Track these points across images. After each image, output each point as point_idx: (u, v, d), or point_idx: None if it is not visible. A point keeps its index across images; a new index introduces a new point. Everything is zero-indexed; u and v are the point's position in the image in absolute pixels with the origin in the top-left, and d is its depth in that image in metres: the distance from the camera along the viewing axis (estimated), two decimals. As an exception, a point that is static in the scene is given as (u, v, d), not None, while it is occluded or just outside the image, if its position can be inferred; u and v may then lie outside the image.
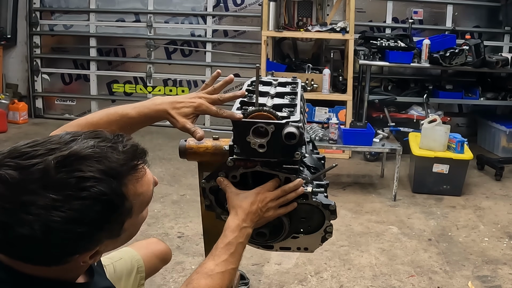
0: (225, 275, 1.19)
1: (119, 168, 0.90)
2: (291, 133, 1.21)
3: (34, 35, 5.91)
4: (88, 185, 0.85)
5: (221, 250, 1.22)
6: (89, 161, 0.87)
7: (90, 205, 0.85)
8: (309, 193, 1.33)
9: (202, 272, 1.18)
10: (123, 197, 0.91)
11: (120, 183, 0.90)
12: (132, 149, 0.94)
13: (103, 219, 0.89)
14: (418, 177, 4.00)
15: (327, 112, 4.93)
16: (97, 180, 0.86)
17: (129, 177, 0.92)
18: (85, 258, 0.93)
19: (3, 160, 0.86)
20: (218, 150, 1.52)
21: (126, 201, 0.92)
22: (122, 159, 0.91)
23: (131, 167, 0.93)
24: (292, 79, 1.67)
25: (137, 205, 0.96)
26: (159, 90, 5.85)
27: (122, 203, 0.91)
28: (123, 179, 0.91)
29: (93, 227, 0.88)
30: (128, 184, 0.92)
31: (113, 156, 0.90)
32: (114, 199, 0.89)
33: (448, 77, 5.53)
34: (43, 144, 0.89)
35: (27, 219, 0.82)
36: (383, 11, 5.53)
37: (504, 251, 3.13)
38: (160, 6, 5.72)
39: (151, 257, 1.78)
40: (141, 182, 0.96)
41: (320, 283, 2.71)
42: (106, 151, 0.89)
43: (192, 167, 1.77)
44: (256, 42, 5.42)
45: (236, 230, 1.25)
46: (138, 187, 0.95)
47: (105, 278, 1.14)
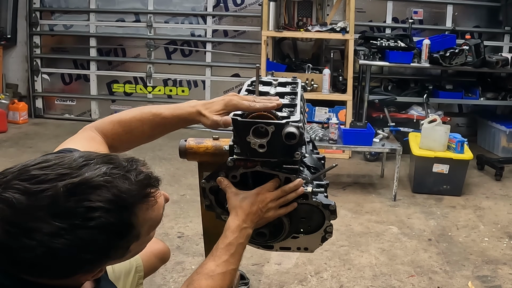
0: (226, 276, 1.20)
1: (130, 198, 0.88)
2: (291, 133, 1.21)
3: (34, 35, 5.91)
4: (96, 215, 0.83)
5: (222, 251, 1.22)
6: (99, 191, 0.85)
7: (96, 234, 0.84)
8: (309, 193, 1.33)
9: (203, 273, 1.19)
10: (131, 227, 0.90)
11: (130, 213, 0.89)
12: (145, 178, 0.92)
13: (108, 247, 0.88)
14: (418, 177, 4.00)
15: (327, 112, 4.93)
16: (106, 210, 0.84)
17: (139, 206, 0.91)
18: (88, 277, 0.93)
19: (11, 181, 0.84)
20: (218, 150, 1.52)
21: (133, 229, 0.91)
22: (133, 189, 0.89)
23: (142, 196, 0.91)
24: (292, 79, 1.67)
25: (145, 230, 0.96)
26: (159, 90, 5.85)
27: (129, 232, 0.91)
28: (133, 208, 0.90)
29: (98, 254, 0.88)
30: (138, 212, 0.91)
31: (124, 186, 0.88)
32: (122, 229, 0.88)
33: (448, 77, 5.53)
34: (54, 167, 0.87)
35: (30, 244, 0.81)
36: (383, 11, 5.53)
37: (504, 251, 3.13)
38: (160, 6, 5.72)
39: (150, 256, 1.77)
40: (151, 209, 0.95)
41: (320, 283, 2.71)
42: (118, 180, 0.87)
43: (192, 167, 1.77)
44: (256, 42, 5.42)
45: (236, 230, 1.25)
46: (148, 214, 0.94)
47: (110, 283, 1.14)
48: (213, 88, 5.77)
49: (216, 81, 5.77)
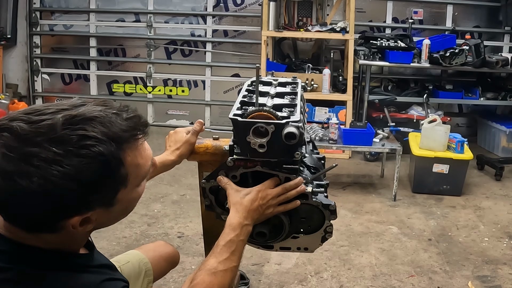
0: (227, 273, 1.21)
1: (120, 133, 0.93)
2: (291, 133, 1.21)
3: (34, 35, 5.91)
4: (88, 144, 0.88)
5: (223, 248, 1.23)
6: (93, 123, 0.91)
7: (88, 164, 0.88)
8: (309, 193, 1.33)
9: (205, 269, 1.20)
10: (120, 162, 0.93)
11: (119, 148, 0.93)
12: (135, 118, 0.97)
13: (98, 181, 0.90)
14: (418, 177, 4.00)
15: (327, 112, 4.93)
16: (98, 140, 0.89)
17: (128, 144, 0.95)
18: (76, 223, 0.93)
19: (18, 114, 0.91)
20: (218, 150, 1.52)
21: (122, 167, 0.94)
22: (124, 125, 0.94)
23: (131, 134, 0.95)
24: (292, 79, 1.67)
25: (133, 176, 0.97)
26: (159, 90, 5.85)
27: (118, 168, 0.93)
28: (122, 144, 0.93)
29: (88, 187, 0.89)
30: (127, 150, 0.94)
31: (116, 122, 0.93)
32: (111, 161, 0.91)
33: (448, 77, 5.53)
34: (56, 104, 0.94)
35: (27, 170, 0.85)
36: (383, 11, 5.53)
37: (504, 251, 3.13)
38: (160, 6, 5.71)
39: (159, 260, 1.77)
40: (139, 153, 0.98)
41: (320, 283, 2.71)
42: (111, 116, 0.93)
43: (192, 167, 1.77)
44: (256, 42, 5.42)
45: (237, 227, 1.26)
46: (136, 156, 0.97)
47: (104, 257, 1.14)
48: (213, 88, 5.77)
49: (216, 81, 5.77)
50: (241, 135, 1.26)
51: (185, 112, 5.85)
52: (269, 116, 1.26)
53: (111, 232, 3.17)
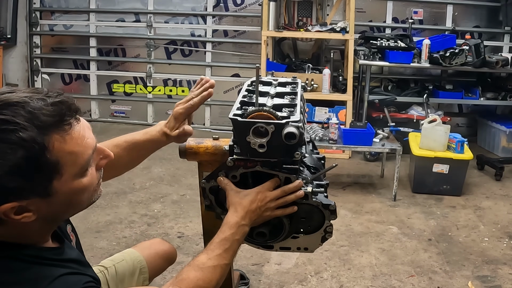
0: (216, 269, 1.19)
1: (44, 117, 0.90)
2: (291, 133, 1.21)
3: (34, 35, 5.91)
4: (8, 128, 0.86)
5: (216, 245, 1.23)
6: (15, 108, 0.88)
7: (10, 149, 0.86)
8: (309, 193, 1.33)
9: (193, 265, 1.19)
10: (44, 148, 0.90)
11: (43, 133, 0.90)
12: (62, 104, 0.94)
13: (22, 167, 0.88)
14: (418, 177, 4.00)
15: (327, 112, 4.93)
16: (18, 125, 0.87)
17: (53, 129, 0.91)
18: (8, 212, 0.91)
19: None
20: (218, 150, 1.52)
21: (48, 153, 0.90)
22: (47, 110, 0.91)
23: (57, 120, 0.92)
24: (292, 79, 1.67)
25: (67, 164, 0.94)
26: (159, 90, 5.85)
27: (43, 154, 0.90)
28: (46, 129, 0.90)
29: (12, 174, 0.87)
30: (53, 136, 0.91)
31: (40, 107, 0.90)
32: (33, 147, 0.88)
33: (448, 77, 5.53)
34: None
35: None
36: (383, 11, 5.53)
37: (504, 251, 3.13)
38: (160, 6, 5.71)
39: (155, 257, 1.77)
40: (71, 139, 0.94)
41: (320, 283, 2.71)
42: (35, 102, 0.91)
43: (192, 167, 1.77)
44: (256, 42, 5.42)
45: (234, 226, 1.26)
46: (67, 143, 0.93)
47: (77, 252, 1.13)
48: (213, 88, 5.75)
49: (216, 81, 5.71)
50: (241, 135, 1.26)
51: (185, 112, 5.84)
52: (269, 116, 1.26)
53: (111, 232, 3.17)
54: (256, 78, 1.32)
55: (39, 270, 0.94)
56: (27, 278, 0.92)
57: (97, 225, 3.25)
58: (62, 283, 0.93)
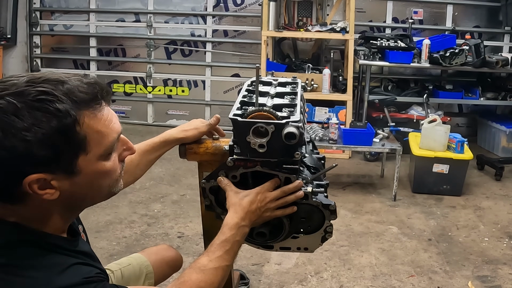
0: (218, 271, 1.19)
1: (79, 93, 0.95)
2: (291, 133, 1.21)
3: (34, 35, 5.91)
4: (46, 99, 0.91)
5: (217, 247, 1.23)
6: (53, 82, 0.94)
7: (46, 118, 0.90)
8: (309, 193, 1.33)
9: (195, 267, 1.19)
10: (76, 121, 0.94)
11: (77, 107, 0.94)
12: (96, 84, 0.99)
13: (53, 137, 0.91)
14: (418, 177, 4.00)
15: (327, 112, 4.93)
16: (56, 97, 0.92)
17: (87, 107, 0.96)
18: (33, 182, 0.93)
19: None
20: (218, 150, 1.52)
21: (78, 127, 0.94)
22: (83, 87, 0.96)
23: (90, 98, 0.96)
24: (292, 79, 1.67)
25: (93, 142, 0.97)
26: (159, 90, 5.85)
27: (73, 127, 0.93)
28: (80, 105, 0.95)
29: (42, 141, 0.90)
30: (85, 112, 0.95)
31: (76, 84, 0.96)
32: (66, 118, 0.92)
33: (448, 77, 5.53)
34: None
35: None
36: (383, 11, 5.53)
37: (504, 251, 3.13)
38: (160, 6, 5.71)
39: (161, 263, 1.77)
40: (100, 119, 0.98)
41: (320, 283, 2.71)
42: (72, 80, 0.97)
43: (192, 167, 1.77)
44: (256, 42, 5.42)
45: (234, 228, 1.25)
46: (96, 122, 0.97)
47: (89, 247, 1.16)
48: (213, 88, 5.77)
49: (216, 81, 5.77)
50: (241, 135, 1.26)
51: (185, 112, 5.84)
52: (269, 116, 1.27)
53: (111, 232, 3.17)
54: (256, 78, 1.32)
55: (54, 258, 0.97)
56: (43, 264, 0.95)
57: (97, 225, 3.25)
58: (75, 271, 0.96)
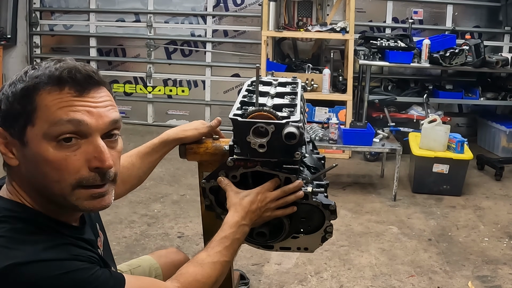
0: (216, 266, 1.20)
1: (54, 69, 0.99)
2: (291, 133, 1.21)
3: (34, 35, 5.91)
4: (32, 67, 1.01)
5: (216, 243, 1.24)
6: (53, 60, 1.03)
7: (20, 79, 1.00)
8: (309, 193, 1.33)
9: (193, 261, 1.20)
10: (34, 88, 0.98)
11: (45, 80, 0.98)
12: (71, 68, 1.01)
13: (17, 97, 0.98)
14: (418, 177, 4.00)
15: (327, 112, 4.93)
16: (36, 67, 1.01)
17: (52, 82, 0.99)
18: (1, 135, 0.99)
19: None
20: (218, 150, 1.52)
21: (36, 95, 0.98)
22: (62, 67, 1.00)
23: (59, 75, 0.99)
24: (292, 79, 1.67)
25: (41, 118, 0.97)
26: (159, 90, 5.85)
27: (31, 94, 0.98)
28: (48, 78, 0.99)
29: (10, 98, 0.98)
30: (48, 87, 0.98)
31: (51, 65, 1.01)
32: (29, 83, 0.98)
33: (448, 77, 5.53)
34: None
35: None
36: (383, 11, 5.53)
37: (504, 251, 3.13)
38: (160, 6, 5.71)
39: (170, 267, 1.76)
40: (56, 97, 0.98)
41: (320, 283, 2.71)
42: (68, 60, 1.03)
43: (192, 167, 1.77)
44: (256, 42, 5.42)
45: (234, 226, 1.26)
46: (51, 98, 0.98)
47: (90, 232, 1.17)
48: (213, 88, 5.77)
49: (216, 81, 5.77)
50: (241, 135, 1.26)
51: (185, 112, 5.84)
52: (269, 116, 1.27)
53: (111, 232, 3.17)
54: (256, 78, 1.32)
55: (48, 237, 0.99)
56: (33, 240, 0.96)
57: (97, 225, 3.25)
58: (64, 249, 0.98)
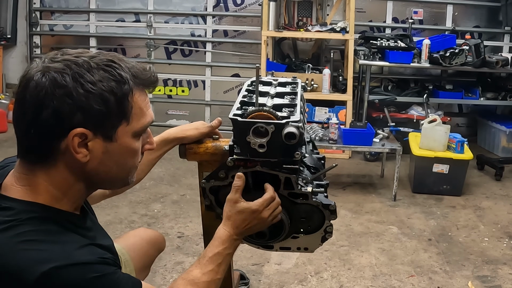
0: (210, 285, 1.21)
1: (138, 71, 1.09)
2: (291, 133, 1.21)
3: (34, 35, 5.91)
4: (111, 64, 1.04)
5: (209, 260, 1.23)
6: (119, 57, 1.10)
7: (107, 77, 1.02)
8: (309, 193, 1.33)
9: (188, 279, 1.20)
10: (130, 90, 1.05)
11: (133, 81, 1.06)
12: (151, 71, 1.15)
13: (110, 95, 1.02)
14: (418, 177, 4.00)
15: (327, 112, 4.93)
16: (119, 66, 1.06)
17: (140, 83, 1.09)
18: (77, 136, 1.00)
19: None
20: (218, 150, 1.52)
21: (130, 97, 1.05)
22: (143, 68, 1.12)
23: (144, 79, 1.10)
24: (292, 79, 1.68)
25: (135, 116, 1.06)
26: (159, 90, 5.85)
27: (127, 95, 1.04)
28: (136, 79, 1.07)
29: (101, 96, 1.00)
30: (138, 88, 1.08)
31: (137, 65, 1.12)
32: (124, 84, 1.04)
33: (448, 77, 5.53)
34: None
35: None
36: (383, 11, 5.53)
37: (504, 251, 3.13)
38: (160, 6, 5.71)
39: (141, 244, 1.72)
40: (144, 101, 1.10)
41: (320, 283, 2.71)
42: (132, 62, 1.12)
43: (192, 167, 1.77)
44: (256, 42, 5.42)
45: (226, 241, 1.26)
46: (142, 100, 1.09)
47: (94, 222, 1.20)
48: (213, 88, 5.77)
49: (216, 81, 5.77)
50: (241, 135, 1.26)
51: (185, 112, 5.84)
52: (269, 116, 1.27)
53: (111, 232, 3.16)
54: (256, 78, 1.32)
55: (71, 236, 1.02)
56: (61, 240, 0.99)
57: (97, 225, 3.25)
58: (91, 250, 1.01)
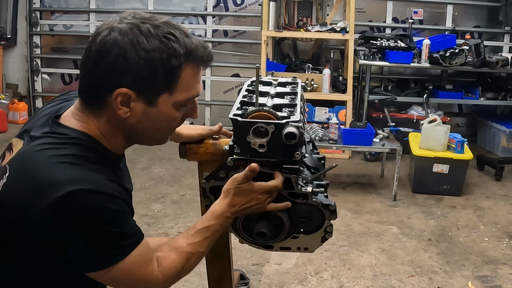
0: (193, 256, 1.23)
1: (193, 47, 1.10)
2: (291, 133, 1.21)
3: (34, 35, 5.91)
4: (170, 37, 1.06)
5: (198, 232, 1.24)
6: (182, 31, 1.10)
7: (161, 48, 1.05)
8: (309, 193, 1.33)
9: (173, 246, 1.22)
10: (180, 65, 1.08)
11: (186, 56, 1.08)
12: (209, 51, 1.14)
13: (159, 65, 1.06)
14: (418, 177, 4.00)
15: (327, 112, 4.93)
16: (177, 40, 1.07)
17: (193, 60, 1.10)
18: (120, 95, 1.06)
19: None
20: (218, 150, 1.52)
21: (179, 71, 1.08)
22: (200, 44, 1.12)
23: (199, 56, 1.11)
24: (292, 79, 1.67)
25: (180, 89, 1.10)
26: (159, 90, 5.85)
27: (176, 68, 1.07)
28: (189, 55, 1.09)
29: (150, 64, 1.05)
30: (189, 64, 1.09)
31: (196, 42, 1.12)
32: (175, 58, 1.06)
33: (448, 77, 5.53)
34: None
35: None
36: (383, 11, 5.53)
37: (504, 251, 3.13)
38: (160, 6, 5.72)
39: None
40: (194, 74, 1.12)
41: (320, 283, 2.71)
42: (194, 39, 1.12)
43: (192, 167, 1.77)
44: (256, 42, 5.42)
45: (219, 217, 1.26)
46: (191, 75, 1.11)
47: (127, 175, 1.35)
48: (213, 88, 5.77)
49: (216, 81, 5.77)
50: (241, 135, 1.26)
51: (185, 112, 5.84)
52: (269, 116, 1.26)
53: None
54: (256, 78, 1.32)
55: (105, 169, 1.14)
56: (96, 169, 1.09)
57: (97, 225, 3.25)
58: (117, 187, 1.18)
